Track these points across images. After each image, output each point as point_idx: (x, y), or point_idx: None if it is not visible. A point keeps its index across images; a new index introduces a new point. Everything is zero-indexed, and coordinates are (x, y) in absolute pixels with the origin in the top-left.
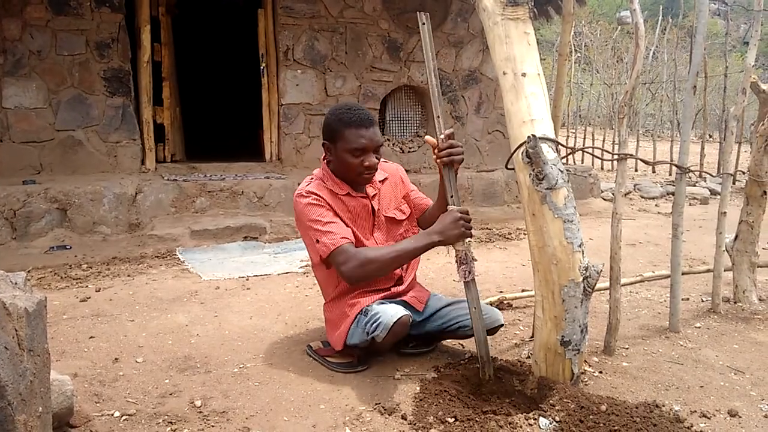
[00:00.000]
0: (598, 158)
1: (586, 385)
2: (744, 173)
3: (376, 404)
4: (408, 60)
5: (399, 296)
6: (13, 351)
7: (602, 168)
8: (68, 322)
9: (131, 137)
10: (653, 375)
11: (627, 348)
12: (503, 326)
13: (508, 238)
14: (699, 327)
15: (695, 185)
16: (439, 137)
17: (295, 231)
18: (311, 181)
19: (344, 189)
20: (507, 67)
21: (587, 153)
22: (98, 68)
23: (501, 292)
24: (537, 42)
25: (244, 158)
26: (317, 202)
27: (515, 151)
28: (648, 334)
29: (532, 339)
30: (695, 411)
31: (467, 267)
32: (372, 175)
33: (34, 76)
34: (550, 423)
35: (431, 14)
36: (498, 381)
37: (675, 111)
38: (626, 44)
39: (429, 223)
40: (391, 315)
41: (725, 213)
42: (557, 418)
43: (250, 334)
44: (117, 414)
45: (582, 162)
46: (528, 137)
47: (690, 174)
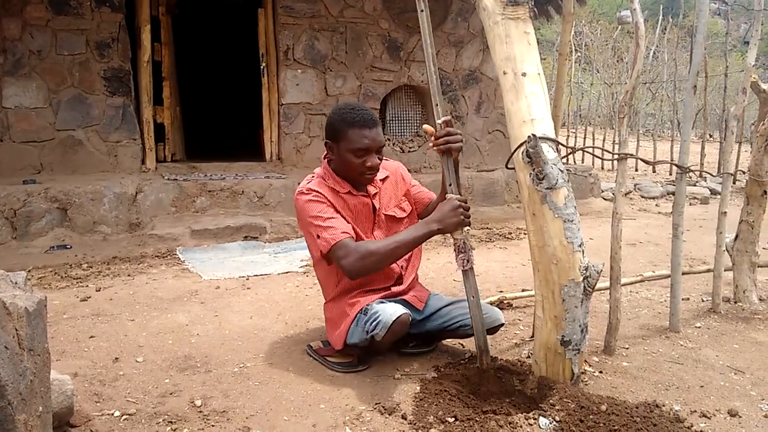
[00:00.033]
0: (599, 158)
1: (586, 385)
2: (744, 173)
3: (376, 404)
4: (408, 60)
5: (399, 296)
6: (14, 350)
7: (602, 168)
8: (68, 322)
9: (131, 137)
10: (653, 375)
11: (627, 348)
12: (503, 326)
13: (509, 238)
14: (699, 327)
15: (695, 185)
16: (437, 124)
17: (295, 231)
18: (312, 179)
19: (345, 187)
20: (507, 67)
21: (587, 153)
22: (98, 68)
23: (501, 292)
24: (537, 41)
25: (245, 158)
26: (318, 199)
27: (515, 151)
28: (648, 334)
29: (532, 339)
30: (695, 411)
31: (465, 256)
32: (374, 176)
33: (35, 76)
34: (550, 423)
35: (431, 14)
36: (498, 381)
37: (675, 111)
38: (626, 44)
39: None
40: (391, 313)
41: (725, 213)
42: (557, 418)
43: (251, 334)
44: (117, 413)
45: (582, 162)
46: (528, 137)
47: (690, 174)
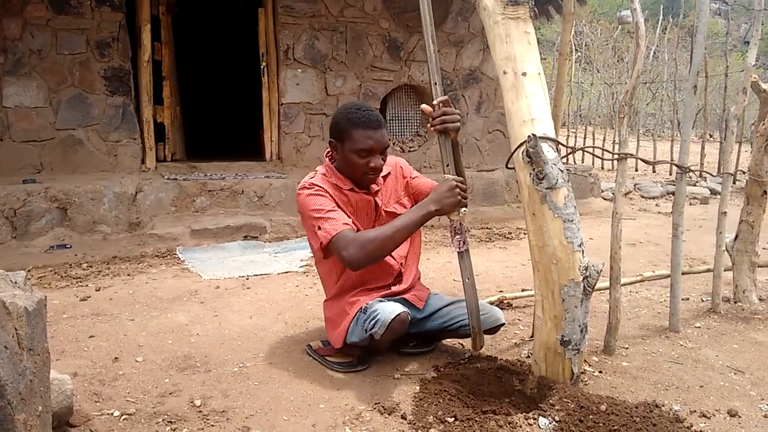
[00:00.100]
0: (599, 158)
1: (586, 385)
2: (744, 173)
3: (376, 404)
4: (408, 59)
5: (400, 295)
6: (13, 350)
7: (602, 167)
8: (68, 322)
9: (131, 136)
10: (653, 375)
11: (627, 348)
12: (504, 325)
13: (508, 238)
14: (699, 327)
15: (695, 185)
16: (434, 104)
17: (295, 230)
18: (315, 176)
19: (348, 184)
20: (507, 67)
21: (587, 152)
22: (99, 67)
23: (501, 292)
24: (537, 41)
25: (245, 157)
26: (320, 193)
27: (515, 151)
28: (648, 334)
29: (532, 338)
30: (695, 411)
31: (461, 237)
32: (377, 176)
33: (35, 75)
34: (550, 423)
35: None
36: (498, 380)
37: (675, 110)
38: (627, 44)
39: None
40: (389, 312)
41: (725, 213)
42: (557, 418)
43: (250, 334)
44: (117, 413)
45: (582, 161)
46: (528, 137)
47: (690, 174)
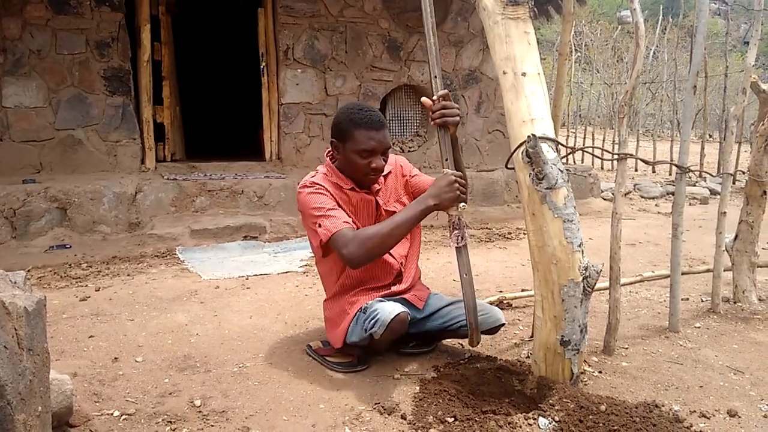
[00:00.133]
0: (598, 158)
1: (586, 385)
2: (744, 173)
3: (376, 404)
4: (408, 59)
5: (400, 294)
6: (13, 350)
7: (602, 168)
8: (68, 322)
9: (131, 136)
10: (653, 375)
11: (626, 348)
12: (504, 326)
13: (508, 238)
14: (699, 327)
15: (695, 185)
16: (434, 98)
17: (295, 230)
18: (316, 175)
19: (349, 184)
20: (507, 67)
21: (587, 153)
22: (98, 67)
23: (501, 292)
24: (537, 41)
25: (244, 157)
26: (320, 191)
27: (515, 151)
28: (648, 334)
29: (532, 339)
30: (695, 411)
31: (460, 232)
32: (378, 177)
33: (34, 75)
34: (550, 423)
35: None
36: (497, 381)
37: (675, 111)
38: (626, 44)
39: None
40: (389, 312)
41: (725, 213)
42: (557, 418)
43: (250, 334)
44: (116, 413)
45: (582, 162)
46: (528, 137)
47: (690, 174)
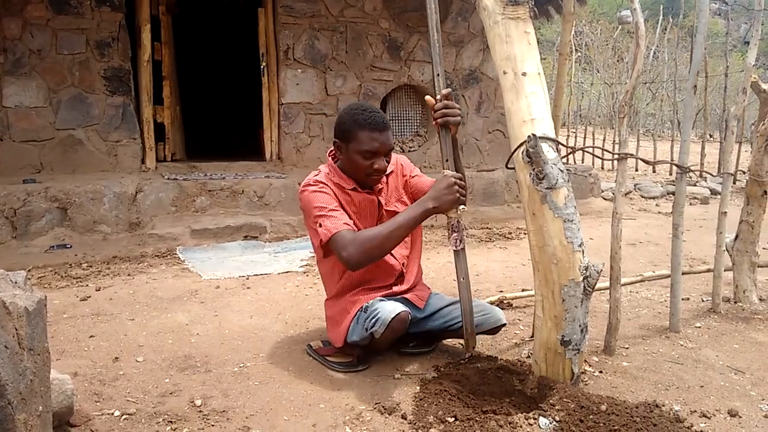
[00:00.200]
0: (599, 158)
1: (586, 385)
2: (744, 173)
3: (376, 404)
4: (408, 59)
5: (400, 294)
6: (14, 350)
7: (602, 167)
8: (68, 321)
9: (131, 136)
10: (653, 375)
11: (627, 348)
12: (505, 326)
13: (509, 238)
14: (699, 327)
15: (696, 185)
16: (437, 97)
17: (295, 230)
18: (318, 174)
19: (350, 184)
20: (507, 67)
21: (587, 152)
22: (98, 67)
23: (501, 292)
24: (537, 41)
25: (245, 157)
26: (324, 191)
27: (515, 151)
28: (648, 334)
29: (532, 338)
30: (695, 411)
31: (459, 235)
32: (380, 178)
33: (35, 75)
34: (550, 423)
35: None
36: (498, 380)
37: (675, 110)
38: (627, 44)
39: None
40: (390, 311)
41: (726, 213)
42: (557, 418)
43: (250, 334)
44: (117, 413)
45: (582, 161)
46: (528, 137)
47: (690, 174)
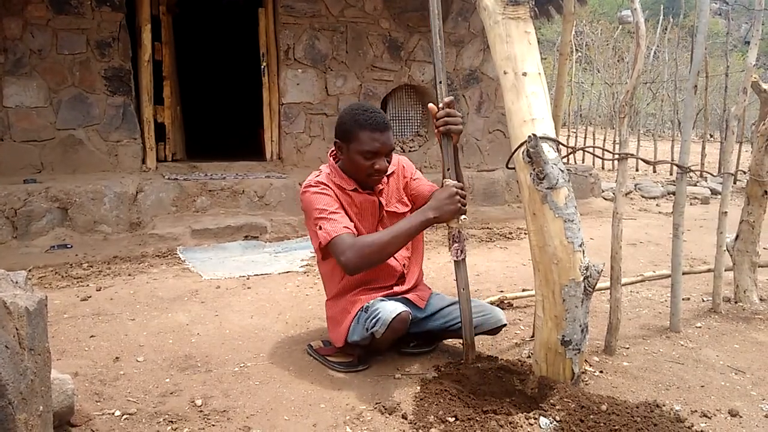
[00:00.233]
0: (599, 158)
1: (587, 385)
2: (745, 173)
3: (377, 403)
4: (409, 59)
5: (401, 295)
6: (14, 350)
7: (603, 167)
8: (69, 321)
9: (132, 136)
10: (654, 375)
11: (627, 348)
12: (505, 326)
13: (509, 238)
14: (700, 327)
15: (696, 185)
16: (439, 105)
17: (296, 230)
18: (319, 175)
19: (351, 184)
20: (508, 67)
21: (588, 152)
22: (99, 67)
23: (502, 292)
24: (538, 41)
25: (245, 157)
26: (325, 192)
27: (516, 151)
28: (649, 334)
29: (533, 338)
30: (696, 411)
31: (459, 246)
32: (381, 178)
33: (35, 75)
34: (551, 422)
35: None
36: (498, 380)
37: (676, 110)
38: (627, 44)
39: None
40: (390, 311)
41: (726, 213)
42: (558, 418)
43: (251, 334)
44: (118, 413)
45: (583, 161)
46: (529, 137)
47: (691, 174)
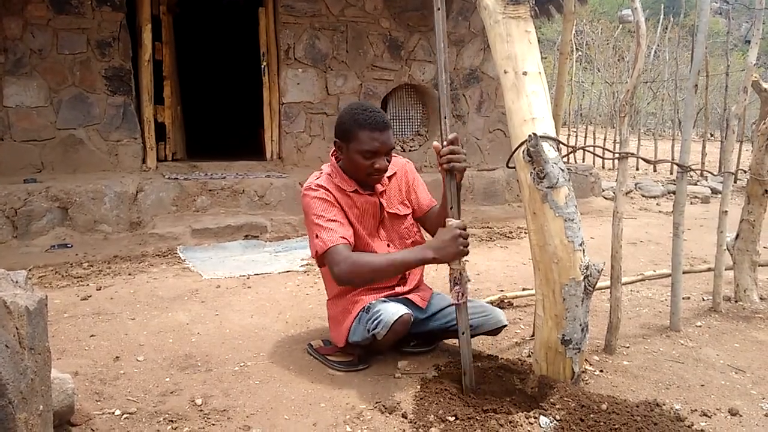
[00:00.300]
0: (600, 157)
1: (587, 384)
2: (745, 172)
3: (377, 403)
4: (409, 59)
5: (402, 295)
6: (14, 349)
7: (603, 167)
8: (69, 321)
9: (132, 136)
10: (654, 374)
11: (628, 347)
12: (505, 327)
13: (509, 237)
14: (700, 326)
15: (696, 184)
16: (443, 142)
17: (296, 229)
18: (320, 176)
19: (352, 186)
20: (508, 66)
21: (588, 152)
22: (99, 67)
23: (502, 291)
24: (538, 40)
25: (245, 157)
26: (325, 197)
27: (516, 150)
28: (649, 333)
29: (533, 338)
30: (696, 410)
31: (461, 288)
32: (381, 178)
33: (35, 75)
34: (551, 422)
35: (432, 13)
36: (499, 379)
37: (676, 110)
38: (627, 43)
39: (431, 226)
40: (393, 313)
41: (726, 212)
42: (558, 417)
43: (251, 333)
44: (118, 412)
45: (583, 161)
46: (529, 136)
47: (691, 173)
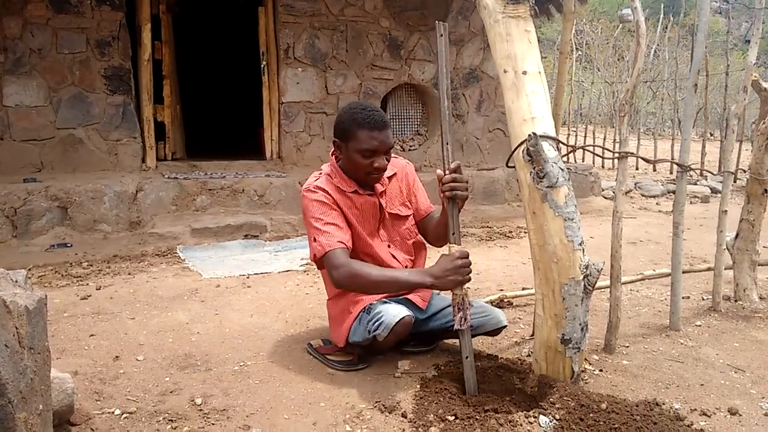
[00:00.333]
0: (599, 156)
1: (587, 384)
2: (745, 171)
3: (377, 402)
4: (409, 58)
5: (403, 295)
6: (14, 349)
7: (603, 166)
8: (69, 320)
9: (132, 135)
10: (654, 373)
11: (627, 346)
12: (505, 327)
13: (509, 237)
14: (699, 325)
15: (696, 184)
16: (445, 170)
17: (296, 229)
18: (320, 177)
19: (352, 186)
20: (508, 65)
21: (588, 151)
22: (99, 66)
23: (501, 291)
24: (538, 40)
25: (245, 156)
26: (324, 199)
27: (516, 150)
28: (648, 333)
29: (533, 337)
30: (695, 409)
31: (463, 314)
32: (380, 177)
33: (35, 74)
34: (551, 421)
35: (432, 12)
36: (498, 379)
37: (676, 109)
38: (627, 42)
39: (427, 235)
40: (394, 315)
41: (726, 211)
42: (557, 416)
43: (251, 332)
44: (117, 412)
45: (583, 160)
46: (529, 135)
47: (691, 172)
